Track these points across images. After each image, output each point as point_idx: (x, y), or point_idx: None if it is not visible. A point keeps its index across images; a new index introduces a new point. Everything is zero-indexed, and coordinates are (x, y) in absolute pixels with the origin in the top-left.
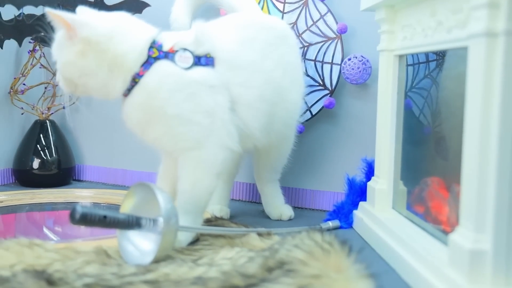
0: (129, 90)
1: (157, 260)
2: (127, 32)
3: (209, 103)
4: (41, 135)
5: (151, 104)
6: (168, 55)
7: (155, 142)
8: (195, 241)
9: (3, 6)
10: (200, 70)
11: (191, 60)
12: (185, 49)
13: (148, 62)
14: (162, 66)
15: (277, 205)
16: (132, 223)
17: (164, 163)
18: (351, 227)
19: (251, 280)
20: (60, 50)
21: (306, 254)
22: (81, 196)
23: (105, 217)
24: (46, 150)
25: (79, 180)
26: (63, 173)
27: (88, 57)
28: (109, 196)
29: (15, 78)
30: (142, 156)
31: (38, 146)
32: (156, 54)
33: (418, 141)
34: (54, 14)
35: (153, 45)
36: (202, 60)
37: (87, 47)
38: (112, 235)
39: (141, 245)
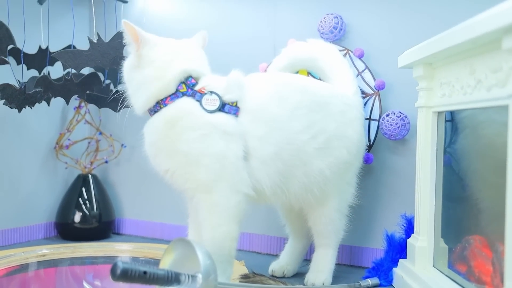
0: (154, 112)
1: None
2: (166, 64)
3: (220, 148)
4: (83, 189)
5: (165, 134)
6: (195, 94)
7: (165, 175)
8: None
9: (53, 65)
10: (220, 116)
11: (217, 103)
12: (212, 92)
13: (175, 95)
14: (186, 103)
15: (312, 269)
16: (171, 279)
17: (191, 215)
18: (391, 285)
19: None
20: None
21: None
22: (121, 250)
23: (145, 272)
24: (88, 204)
25: (118, 234)
26: (103, 226)
27: (134, 68)
28: (148, 250)
29: (60, 134)
30: (181, 210)
31: (80, 199)
32: (184, 90)
33: (459, 198)
34: (129, 26)
35: (186, 81)
36: (226, 107)
37: (138, 61)
38: None
39: None
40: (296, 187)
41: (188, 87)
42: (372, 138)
